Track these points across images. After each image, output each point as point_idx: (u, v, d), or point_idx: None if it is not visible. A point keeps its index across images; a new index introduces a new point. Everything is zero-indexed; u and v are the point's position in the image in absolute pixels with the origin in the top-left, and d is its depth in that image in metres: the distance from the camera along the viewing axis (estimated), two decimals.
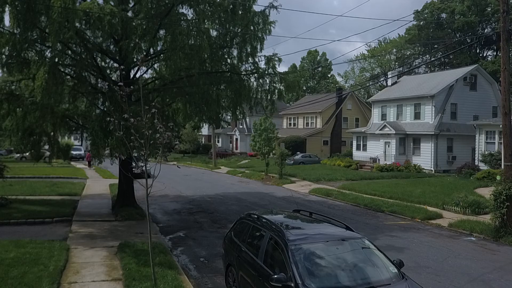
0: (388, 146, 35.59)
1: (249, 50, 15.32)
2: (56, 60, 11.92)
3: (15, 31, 11.63)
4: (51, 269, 8.61)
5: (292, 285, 6.03)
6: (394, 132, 34.45)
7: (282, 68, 73.09)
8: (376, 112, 39.23)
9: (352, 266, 6.56)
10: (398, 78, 42.06)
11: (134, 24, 12.78)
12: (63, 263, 9.12)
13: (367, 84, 65.95)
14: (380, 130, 35.90)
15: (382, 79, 59.58)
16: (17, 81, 14.52)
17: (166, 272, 8.85)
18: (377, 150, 36.67)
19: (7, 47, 12.06)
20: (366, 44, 69.51)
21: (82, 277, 8.55)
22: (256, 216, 8.20)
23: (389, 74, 44.57)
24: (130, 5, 14.69)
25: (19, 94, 14.20)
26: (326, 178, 28.72)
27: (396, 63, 65.55)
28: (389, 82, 42.24)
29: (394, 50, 66.58)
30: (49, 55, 12.35)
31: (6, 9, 11.48)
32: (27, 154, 14.50)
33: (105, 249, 10.71)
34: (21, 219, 13.73)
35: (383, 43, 67.72)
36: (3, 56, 12.46)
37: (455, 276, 9.55)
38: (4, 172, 17.27)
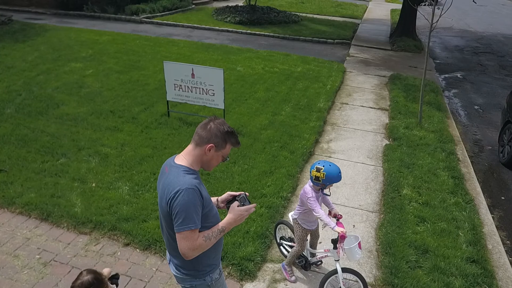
0: None
1: None
2: None
3: None
4: (328, 87, 9.66)
5: None
6: None
7: None
8: None
9: None
10: None
11: None
12: (338, 84, 10.03)
13: None
14: None
15: None
16: None
17: (434, 112, 8.62)
18: None
19: None
20: None
21: (352, 100, 9.31)
22: None
23: None
24: None
25: None
26: None
27: None
28: None
29: None
30: None
31: None
32: None
33: (377, 78, 11.04)
34: (308, 36, 15.25)
35: None
36: None
37: None
38: None
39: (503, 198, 6.20)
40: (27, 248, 4.24)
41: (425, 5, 8.08)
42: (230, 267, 4.09)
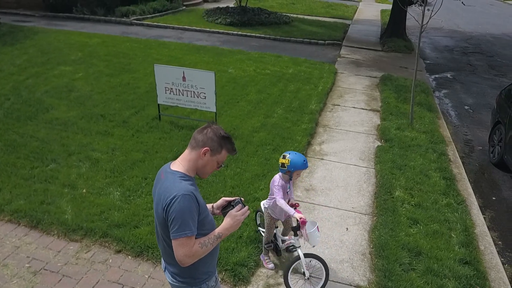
0: None
1: None
2: None
3: None
4: (319, 89, 9.67)
5: None
6: None
7: None
8: None
9: None
10: None
11: None
12: (330, 86, 10.04)
13: None
14: None
15: None
16: None
17: (425, 113, 8.67)
18: None
19: None
20: None
21: (344, 101, 9.32)
22: None
23: None
24: None
25: None
26: None
27: None
28: None
29: None
30: None
31: None
32: None
33: (368, 79, 11.08)
34: (299, 38, 15.27)
35: None
36: None
37: None
38: None
39: (494, 198, 6.24)
40: (16, 257, 4.16)
41: (415, 5, 8.12)
42: (224, 273, 4.06)
